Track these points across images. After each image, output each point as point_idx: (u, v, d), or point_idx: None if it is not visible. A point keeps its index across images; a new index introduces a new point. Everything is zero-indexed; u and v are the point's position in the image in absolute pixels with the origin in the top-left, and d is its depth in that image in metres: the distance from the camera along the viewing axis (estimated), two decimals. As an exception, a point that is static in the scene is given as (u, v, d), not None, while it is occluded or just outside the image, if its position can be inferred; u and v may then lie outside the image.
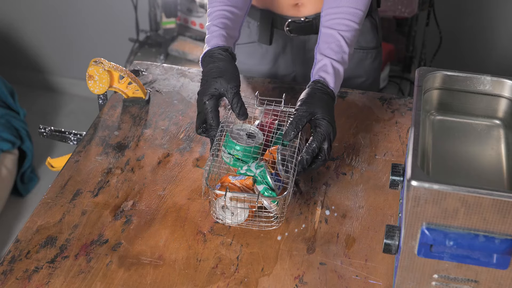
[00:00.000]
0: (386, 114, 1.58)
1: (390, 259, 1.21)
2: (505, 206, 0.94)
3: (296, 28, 1.66)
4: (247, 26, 1.71)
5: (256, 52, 1.74)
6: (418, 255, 1.02)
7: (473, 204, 0.96)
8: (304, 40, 1.69)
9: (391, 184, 1.19)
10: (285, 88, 1.66)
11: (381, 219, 1.30)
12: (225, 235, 1.26)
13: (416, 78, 1.19)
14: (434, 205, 0.97)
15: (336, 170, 1.42)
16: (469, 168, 1.13)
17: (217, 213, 1.26)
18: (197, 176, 1.39)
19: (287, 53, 1.72)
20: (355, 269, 1.20)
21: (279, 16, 1.66)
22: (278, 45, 1.71)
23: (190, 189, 1.36)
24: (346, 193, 1.36)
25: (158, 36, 2.93)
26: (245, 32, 1.71)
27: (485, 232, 0.98)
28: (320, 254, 1.23)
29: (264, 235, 1.26)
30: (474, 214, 0.96)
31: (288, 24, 1.65)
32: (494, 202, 0.95)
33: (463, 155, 1.15)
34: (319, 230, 1.28)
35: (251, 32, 1.71)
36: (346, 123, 1.55)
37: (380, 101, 1.62)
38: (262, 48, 1.73)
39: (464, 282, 1.04)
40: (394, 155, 1.45)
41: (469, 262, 1.00)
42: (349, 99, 1.63)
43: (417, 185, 0.96)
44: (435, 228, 0.99)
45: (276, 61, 1.74)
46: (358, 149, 1.48)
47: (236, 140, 1.31)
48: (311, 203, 1.33)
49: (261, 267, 1.20)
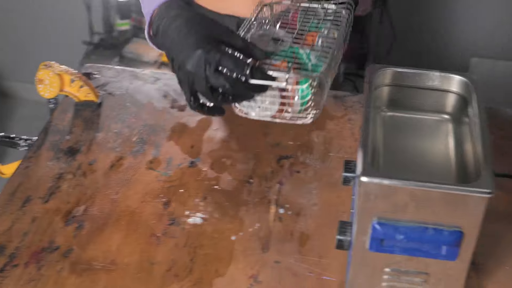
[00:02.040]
0: (340, 111, 1.60)
1: (344, 255, 1.22)
2: (453, 199, 0.96)
3: None
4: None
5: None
6: (370, 249, 1.03)
7: (422, 197, 0.97)
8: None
9: (344, 181, 1.20)
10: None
11: (334, 215, 1.31)
12: (179, 237, 1.26)
13: (366, 75, 1.20)
14: (384, 200, 0.99)
15: (290, 168, 1.43)
16: (419, 162, 1.15)
17: (240, 104, 1.09)
18: (150, 178, 1.39)
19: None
20: (309, 266, 1.21)
21: (242, 19, 1.65)
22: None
23: (143, 192, 1.35)
24: (300, 191, 1.37)
25: (112, 38, 2.92)
26: None
27: (434, 225, 0.99)
28: (274, 253, 1.24)
29: (218, 235, 1.27)
30: (424, 208, 0.98)
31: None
32: (442, 195, 0.96)
33: (414, 150, 1.17)
34: (274, 228, 1.29)
35: None
36: (300, 121, 1.56)
37: (333, 99, 1.64)
38: None
39: (415, 274, 1.06)
40: (347, 152, 1.47)
41: (420, 254, 1.02)
42: (302, 97, 1.64)
43: (367, 181, 0.98)
44: (386, 223, 1.00)
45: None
46: (311, 147, 1.49)
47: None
48: (265, 202, 1.34)
49: (215, 268, 1.20)
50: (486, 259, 1.24)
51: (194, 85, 1.09)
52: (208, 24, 1.09)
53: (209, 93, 1.07)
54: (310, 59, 1.06)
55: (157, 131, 1.52)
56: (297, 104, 1.06)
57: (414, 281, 1.07)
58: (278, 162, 1.44)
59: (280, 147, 1.48)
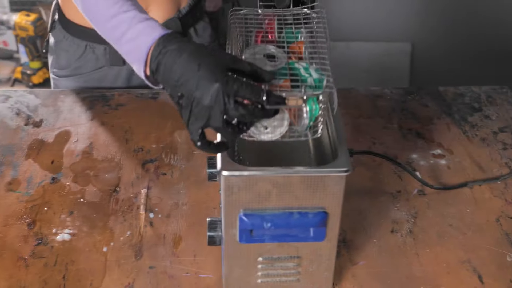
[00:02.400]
0: (199, 109, 1.60)
1: (218, 251, 1.23)
2: (312, 181, 0.99)
3: None
4: (92, 52, 1.63)
5: (107, 76, 1.67)
6: (240, 241, 1.04)
7: (283, 184, 0.99)
8: None
9: (209, 177, 1.20)
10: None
11: (205, 213, 1.32)
12: (48, 256, 1.23)
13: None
14: (248, 191, 1.00)
15: (156, 171, 1.42)
16: (280, 151, 1.17)
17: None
18: (11, 200, 1.34)
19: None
20: (185, 267, 1.21)
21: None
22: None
23: (5, 215, 1.31)
24: (168, 193, 1.37)
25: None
26: (91, 58, 1.64)
27: (299, 209, 1.02)
28: (148, 258, 1.23)
29: (89, 249, 1.24)
30: (286, 194, 1.00)
31: None
32: (301, 179, 0.99)
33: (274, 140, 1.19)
34: (145, 234, 1.28)
35: (98, 57, 1.63)
36: (161, 123, 1.55)
37: (192, 97, 1.64)
38: (114, 70, 1.66)
39: (287, 260, 1.08)
40: (211, 148, 1.48)
41: (289, 240, 1.04)
42: (161, 100, 1.63)
43: (228, 175, 0.98)
44: (252, 213, 1.02)
45: (129, 80, 1.70)
46: (175, 148, 1.48)
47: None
48: (134, 208, 1.33)
49: (89, 282, 1.18)
50: (354, 235, 1.28)
51: (209, 120, 0.98)
52: (215, 53, 0.99)
53: (224, 127, 0.98)
54: (310, 73, 1.03)
55: (13, 150, 1.47)
56: (307, 119, 1.04)
57: (288, 266, 1.09)
58: (143, 167, 1.43)
59: (143, 151, 1.47)
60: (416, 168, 1.44)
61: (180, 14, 1.65)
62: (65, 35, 1.64)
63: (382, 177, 1.42)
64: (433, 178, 1.42)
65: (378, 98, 1.67)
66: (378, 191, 1.38)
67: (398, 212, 1.33)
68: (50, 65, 1.72)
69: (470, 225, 1.31)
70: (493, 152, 1.50)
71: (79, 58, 1.64)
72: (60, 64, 1.69)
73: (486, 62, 3.29)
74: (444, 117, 1.61)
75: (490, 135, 1.55)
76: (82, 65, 1.65)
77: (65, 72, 1.68)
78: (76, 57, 1.64)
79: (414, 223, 1.31)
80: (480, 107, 1.65)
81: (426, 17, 3.29)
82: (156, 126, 1.54)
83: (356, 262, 1.23)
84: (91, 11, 1.17)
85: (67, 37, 1.64)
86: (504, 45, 3.26)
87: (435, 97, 1.68)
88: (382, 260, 1.24)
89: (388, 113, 1.62)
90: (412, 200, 1.36)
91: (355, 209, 1.34)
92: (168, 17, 1.62)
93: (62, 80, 1.71)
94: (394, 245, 1.27)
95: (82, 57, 1.63)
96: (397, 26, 3.30)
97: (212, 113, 0.96)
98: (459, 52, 3.30)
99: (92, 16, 1.17)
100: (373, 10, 3.26)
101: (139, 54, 1.05)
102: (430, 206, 1.35)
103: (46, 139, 1.50)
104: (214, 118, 0.97)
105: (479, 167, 1.45)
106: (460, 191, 1.39)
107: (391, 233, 1.29)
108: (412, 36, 3.33)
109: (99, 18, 1.15)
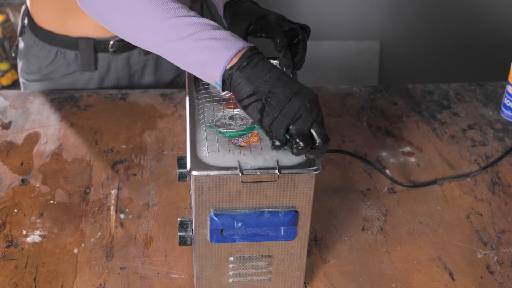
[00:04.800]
0: (169, 109, 1.60)
1: (189, 251, 1.23)
2: (282, 181, 0.99)
3: (121, 47, 1.62)
4: (63, 58, 1.62)
5: (79, 81, 1.67)
6: (211, 241, 1.04)
7: (253, 184, 1.00)
8: (128, 56, 1.66)
9: (179, 177, 1.20)
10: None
11: (175, 213, 1.32)
12: (19, 258, 1.22)
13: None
14: (218, 190, 1.00)
15: (126, 172, 1.41)
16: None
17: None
18: (-20, 203, 1.33)
19: (112, 73, 1.67)
20: (156, 267, 1.21)
21: (100, 39, 1.61)
22: (103, 67, 1.66)
23: (-26, 218, 1.30)
24: (139, 193, 1.36)
25: None
26: (62, 64, 1.64)
27: (270, 208, 1.02)
28: (119, 259, 1.22)
29: (59, 251, 1.24)
30: (256, 193, 1.00)
31: (112, 45, 1.61)
32: (271, 178, 0.99)
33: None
34: (116, 235, 1.27)
35: (69, 63, 1.63)
36: (131, 124, 1.55)
37: (161, 97, 1.64)
38: (86, 75, 1.66)
39: (258, 259, 1.08)
40: (181, 148, 1.48)
41: (260, 239, 1.05)
42: (130, 99, 1.63)
43: (198, 174, 0.99)
44: (223, 213, 1.02)
45: (101, 84, 1.69)
46: (145, 148, 1.48)
47: (224, 128, 1.07)
48: (104, 209, 1.32)
49: (60, 283, 1.18)
50: (325, 234, 1.29)
51: (299, 119, 0.97)
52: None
53: (307, 136, 0.98)
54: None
55: (-18, 152, 1.46)
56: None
57: (259, 265, 1.09)
58: (113, 167, 1.43)
59: (113, 152, 1.47)
60: (386, 166, 1.45)
61: None
62: (36, 40, 1.64)
63: (352, 175, 1.43)
64: (403, 175, 1.43)
65: (347, 97, 1.68)
66: (348, 189, 1.40)
67: (368, 210, 1.35)
68: (20, 69, 1.71)
69: (440, 222, 1.33)
70: (462, 149, 1.52)
71: (50, 64, 1.63)
72: (30, 69, 1.68)
73: (455, 59, 3.33)
74: (413, 115, 1.62)
75: (459, 132, 1.57)
76: (53, 70, 1.64)
77: (36, 76, 1.68)
78: (47, 63, 1.64)
79: (384, 221, 1.32)
80: (449, 104, 1.67)
81: (395, 15, 3.31)
82: (125, 127, 1.53)
83: (328, 260, 1.24)
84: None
85: (38, 43, 1.63)
86: (472, 41, 3.30)
87: (404, 95, 1.69)
88: (353, 258, 1.25)
89: (357, 111, 1.63)
90: (382, 198, 1.38)
91: (325, 208, 1.35)
92: None
93: (32, 84, 1.70)
94: (365, 243, 1.28)
95: (53, 63, 1.63)
96: (366, 24, 3.32)
97: (305, 115, 0.96)
98: (428, 49, 3.33)
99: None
100: (342, 8, 3.28)
101: (221, 66, 1.00)
102: (400, 203, 1.36)
103: (15, 141, 1.49)
104: (304, 120, 0.96)
105: (449, 164, 1.47)
106: (430, 188, 1.40)
107: (362, 231, 1.30)
108: (381, 34, 3.35)
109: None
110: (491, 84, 1.74)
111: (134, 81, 1.70)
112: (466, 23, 3.28)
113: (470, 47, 3.31)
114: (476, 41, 3.29)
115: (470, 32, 3.29)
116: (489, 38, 3.28)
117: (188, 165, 1.00)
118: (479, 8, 3.25)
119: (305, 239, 1.07)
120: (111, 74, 1.67)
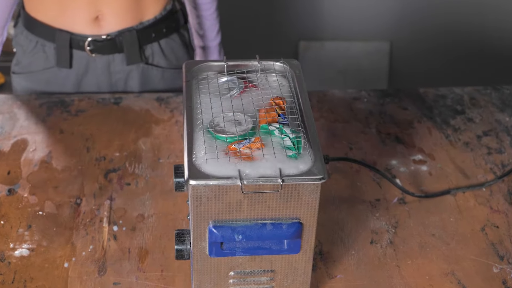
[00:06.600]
0: (165, 114, 1.60)
1: (187, 265, 1.23)
2: (285, 190, 0.99)
3: (98, 47, 1.63)
4: (42, 50, 1.65)
5: (55, 78, 1.69)
6: (210, 255, 1.04)
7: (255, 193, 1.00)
8: (109, 61, 1.67)
9: (176, 187, 1.20)
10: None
11: (172, 225, 1.32)
12: (5, 273, 1.22)
13: (183, 73, 1.21)
14: (217, 201, 1.00)
15: (119, 181, 1.42)
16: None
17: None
18: (-36, 214, 1.33)
19: (90, 76, 1.68)
20: (151, 283, 1.21)
21: (77, 35, 1.62)
22: (80, 67, 1.67)
23: (-42, 230, 1.30)
24: (133, 204, 1.37)
25: None
26: (41, 57, 1.67)
27: (272, 220, 1.02)
28: (112, 274, 1.23)
29: (49, 265, 1.24)
30: (258, 204, 1.01)
31: (88, 43, 1.62)
32: (273, 188, 0.99)
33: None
34: (109, 248, 1.27)
35: (48, 56, 1.67)
36: (124, 130, 1.55)
37: (157, 102, 1.64)
38: (62, 73, 1.68)
39: (260, 274, 1.08)
40: (178, 156, 1.48)
41: (262, 252, 1.05)
42: (124, 104, 1.63)
43: (196, 184, 0.99)
44: (222, 225, 1.02)
45: (79, 86, 1.70)
46: (140, 156, 1.48)
47: (223, 133, 1.06)
48: (96, 221, 1.33)
49: (49, 300, 1.18)
50: (331, 247, 1.29)
51: None
52: None
53: None
54: (287, 134, 1.06)
55: (-34, 160, 1.46)
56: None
57: (261, 280, 1.09)
58: (105, 176, 1.43)
59: (106, 160, 1.47)
60: (396, 175, 1.46)
61: (141, 26, 1.66)
62: (22, 29, 1.70)
63: (360, 185, 1.43)
64: (414, 185, 1.43)
65: (355, 101, 1.68)
66: (356, 199, 1.40)
67: (377, 222, 1.35)
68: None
69: (454, 235, 1.33)
70: (477, 157, 1.52)
71: (30, 53, 1.69)
72: (17, 59, 1.74)
73: (469, 61, 3.33)
74: (425, 121, 1.62)
75: (474, 139, 1.57)
76: (32, 62, 1.69)
77: (18, 68, 1.73)
78: (27, 53, 1.69)
79: (394, 233, 1.32)
80: (463, 109, 1.67)
81: (405, 14, 3.31)
82: (119, 133, 1.54)
83: (334, 275, 1.24)
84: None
85: (23, 31, 1.70)
86: (487, 43, 3.30)
87: (415, 99, 1.70)
88: (361, 273, 1.25)
89: (365, 116, 1.63)
90: (392, 209, 1.38)
91: (331, 219, 1.35)
92: (124, 27, 1.63)
93: (15, 77, 1.75)
94: (374, 257, 1.28)
95: (32, 53, 1.68)
96: (375, 24, 3.32)
97: None
98: (441, 50, 3.33)
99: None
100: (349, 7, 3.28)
101: None
102: (411, 215, 1.36)
103: (1, 148, 1.50)
104: None
105: (463, 173, 1.47)
106: (443, 199, 1.40)
107: (370, 244, 1.30)
108: (391, 34, 3.35)
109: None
110: (508, 88, 1.74)
111: (117, 91, 1.71)
112: (481, 23, 3.28)
113: (485, 48, 3.31)
114: (492, 42, 3.29)
115: (485, 32, 3.29)
116: (505, 39, 3.29)
117: (185, 174, 1.00)
118: (495, 7, 3.25)
119: (310, 253, 1.07)
120: (89, 77, 1.69)
